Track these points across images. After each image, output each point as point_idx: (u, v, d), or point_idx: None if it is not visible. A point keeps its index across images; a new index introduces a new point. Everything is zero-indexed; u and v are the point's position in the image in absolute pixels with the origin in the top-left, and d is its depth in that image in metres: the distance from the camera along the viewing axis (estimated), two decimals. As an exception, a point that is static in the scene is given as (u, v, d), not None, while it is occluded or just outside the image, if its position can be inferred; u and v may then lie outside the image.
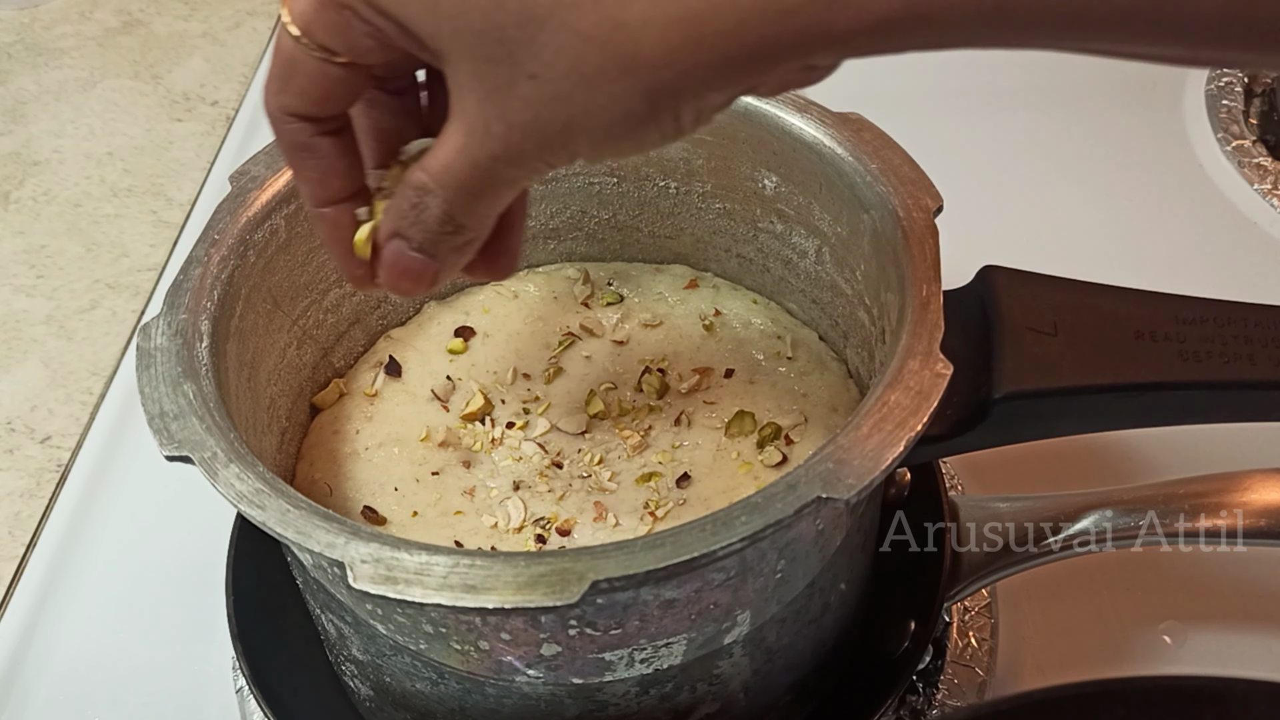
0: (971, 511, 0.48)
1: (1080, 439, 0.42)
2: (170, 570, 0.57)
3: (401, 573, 0.31)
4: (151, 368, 0.37)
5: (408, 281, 0.33)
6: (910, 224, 0.39)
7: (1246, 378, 0.37)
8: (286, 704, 0.45)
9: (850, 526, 0.40)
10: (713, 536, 0.31)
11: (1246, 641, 0.51)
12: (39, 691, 0.53)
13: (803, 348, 0.49)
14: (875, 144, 0.42)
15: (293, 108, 0.31)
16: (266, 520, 0.33)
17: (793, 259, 0.48)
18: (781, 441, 0.45)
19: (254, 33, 0.93)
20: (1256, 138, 0.74)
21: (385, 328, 0.51)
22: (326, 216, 0.34)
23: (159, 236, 0.76)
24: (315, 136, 0.32)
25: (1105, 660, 0.51)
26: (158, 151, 0.83)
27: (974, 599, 0.52)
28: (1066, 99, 0.79)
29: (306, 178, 0.33)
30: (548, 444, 0.46)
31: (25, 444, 0.64)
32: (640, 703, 0.38)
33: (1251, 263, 0.68)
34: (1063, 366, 0.38)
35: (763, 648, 0.39)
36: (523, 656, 0.36)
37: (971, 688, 0.50)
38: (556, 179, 0.50)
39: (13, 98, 0.87)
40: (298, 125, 0.31)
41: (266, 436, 0.43)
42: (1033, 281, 0.40)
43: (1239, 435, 0.47)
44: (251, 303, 0.42)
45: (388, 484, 0.45)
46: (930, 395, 0.34)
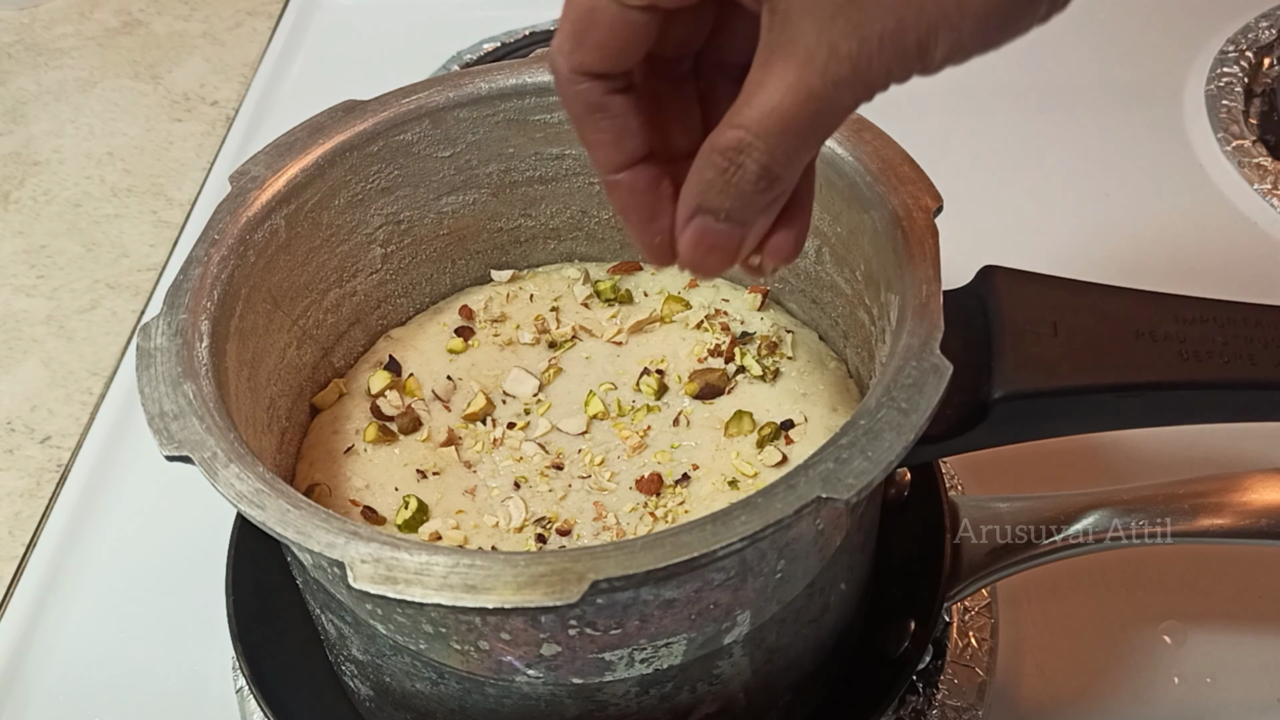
0: (971, 511, 0.48)
1: (1080, 439, 0.42)
2: (170, 570, 0.57)
3: (401, 573, 0.31)
4: (151, 368, 0.37)
5: (716, 257, 0.32)
6: (910, 224, 0.39)
7: (1246, 378, 0.37)
8: (286, 704, 0.45)
9: (850, 526, 0.40)
10: (713, 536, 0.31)
11: (1246, 641, 0.51)
12: (39, 691, 0.53)
13: (803, 348, 0.49)
14: (875, 144, 0.42)
15: (588, 64, 0.30)
16: (266, 520, 0.33)
17: (793, 259, 0.48)
18: (781, 441, 0.45)
19: (254, 33, 0.93)
20: (1256, 138, 0.74)
21: (385, 328, 0.51)
22: (622, 183, 0.32)
23: (159, 236, 0.76)
24: (608, 95, 0.31)
25: (1105, 660, 0.51)
26: (158, 151, 0.83)
27: (974, 599, 0.52)
28: (1066, 99, 0.79)
29: (600, 140, 0.32)
30: (548, 444, 0.46)
31: (25, 444, 0.64)
32: (640, 703, 0.38)
33: (1251, 263, 0.68)
34: (1063, 366, 0.38)
35: (763, 648, 0.39)
36: (523, 656, 0.36)
37: (971, 688, 0.50)
38: (557, 179, 0.50)
39: (13, 98, 0.87)
40: (590, 84, 0.30)
41: (266, 436, 0.43)
42: (1033, 281, 0.40)
43: (1239, 435, 0.47)
44: (251, 303, 0.42)
45: (388, 484, 0.45)
46: (930, 395, 0.34)
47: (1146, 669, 0.50)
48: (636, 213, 0.33)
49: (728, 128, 0.29)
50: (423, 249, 0.50)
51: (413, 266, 0.50)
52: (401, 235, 0.49)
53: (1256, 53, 0.80)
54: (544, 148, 0.49)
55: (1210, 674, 0.50)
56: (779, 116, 0.28)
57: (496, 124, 0.48)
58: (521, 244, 0.52)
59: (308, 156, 0.44)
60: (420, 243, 0.50)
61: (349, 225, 0.47)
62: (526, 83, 0.47)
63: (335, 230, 0.46)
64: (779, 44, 0.27)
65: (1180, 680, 0.50)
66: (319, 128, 0.45)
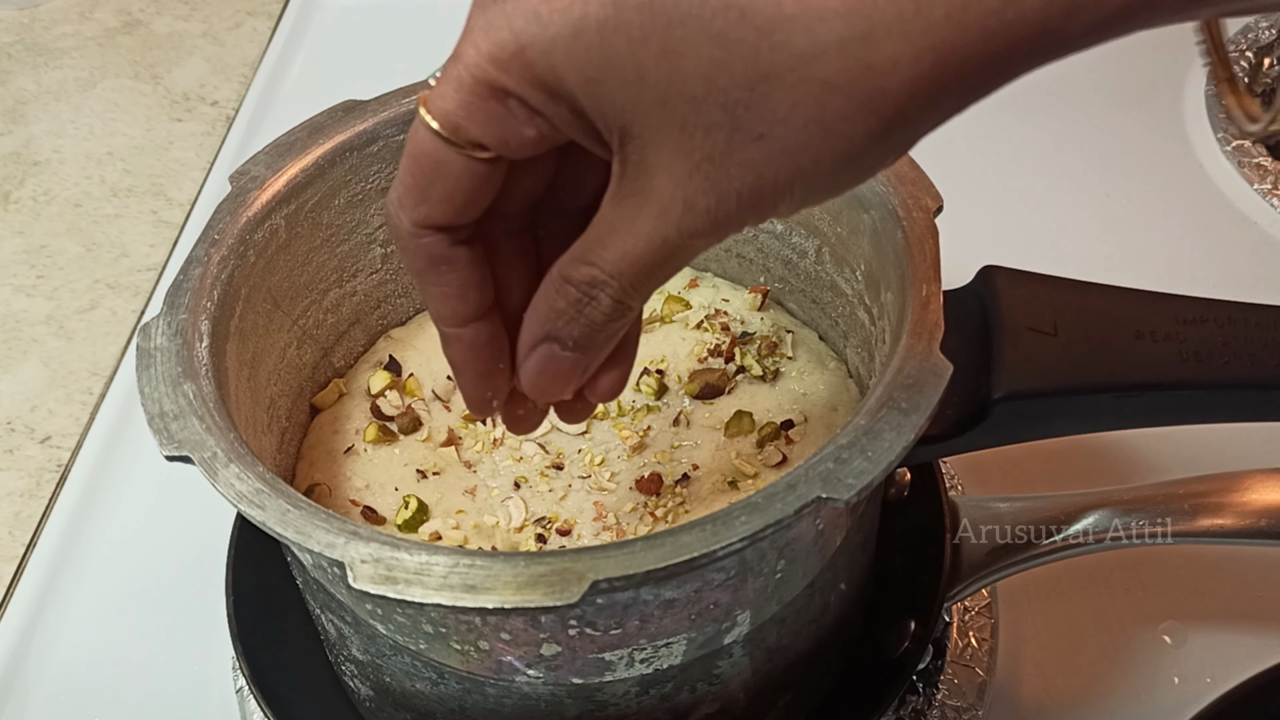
0: (971, 511, 0.48)
1: (1080, 439, 0.42)
2: (170, 570, 0.57)
3: (401, 573, 0.31)
4: (151, 368, 0.37)
5: (559, 384, 0.32)
6: (910, 224, 0.39)
7: (1246, 378, 0.37)
8: (286, 704, 0.45)
9: (850, 526, 0.40)
10: (713, 536, 0.31)
11: (1246, 641, 0.51)
12: (39, 691, 0.53)
13: (803, 348, 0.49)
14: (875, 144, 0.42)
15: (434, 218, 0.29)
16: (266, 520, 0.33)
17: (792, 259, 0.48)
18: (781, 441, 0.45)
19: (254, 33, 0.93)
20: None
21: (385, 328, 0.51)
22: (464, 337, 0.32)
23: (159, 236, 0.76)
24: (452, 247, 0.30)
25: (1105, 660, 0.51)
26: (158, 151, 0.83)
27: (974, 599, 0.52)
28: (1066, 99, 0.79)
29: (444, 294, 0.31)
30: (548, 444, 0.46)
31: (25, 444, 0.64)
32: (640, 703, 0.38)
33: (1251, 263, 0.68)
34: (1063, 366, 0.38)
35: (763, 648, 0.39)
36: (523, 656, 0.36)
37: (971, 688, 0.50)
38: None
39: (13, 98, 0.87)
40: (434, 238, 0.30)
41: (266, 436, 0.43)
42: (1033, 281, 0.40)
43: (1239, 435, 0.47)
44: (251, 303, 0.42)
45: (388, 484, 0.45)
46: (930, 395, 0.34)
47: (1146, 669, 0.50)
48: (473, 366, 0.33)
49: (580, 263, 0.29)
50: (423, 249, 0.50)
51: (413, 266, 0.50)
52: (401, 235, 0.49)
53: (1256, 53, 0.80)
54: (544, 148, 0.49)
55: (1210, 674, 0.50)
56: (633, 260, 0.28)
57: (496, 124, 0.48)
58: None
59: (308, 156, 0.44)
60: (420, 243, 0.50)
61: (349, 225, 0.47)
62: (526, 83, 0.47)
63: (335, 230, 0.46)
64: (632, 191, 0.27)
65: (1180, 680, 0.50)
66: (319, 128, 0.45)
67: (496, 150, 0.28)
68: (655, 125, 0.26)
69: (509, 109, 0.27)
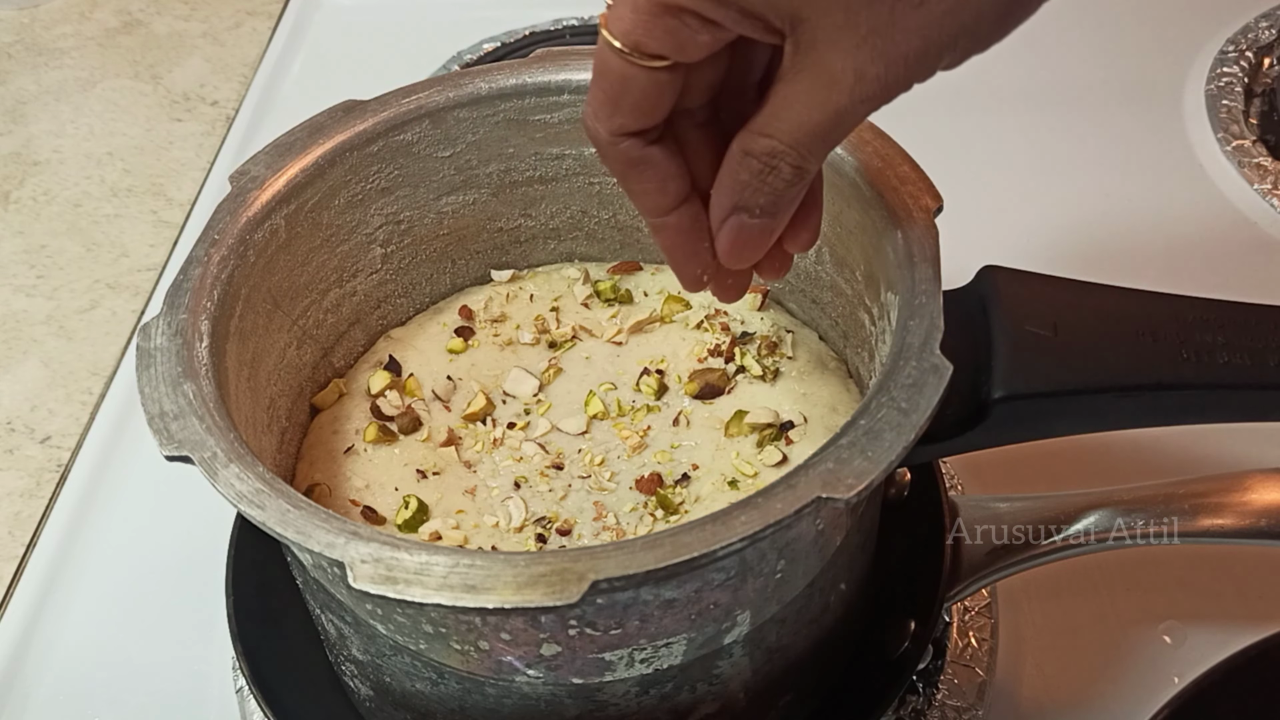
0: (971, 511, 0.48)
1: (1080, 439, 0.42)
2: (170, 570, 0.57)
3: (401, 573, 0.31)
4: (151, 368, 0.37)
5: (751, 249, 0.35)
6: (910, 224, 0.39)
7: (1246, 378, 0.37)
8: (286, 704, 0.45)
9: (850, 526, 0.40)
10: (713, 536, 0.31)
11: (1246, 642, 0.51)
12: (39, 691, 0.53)
13: (803, 348, 0.49)
14: (875, 144, 0.42)
15: (627, 126, 0.32)
16: (266, 520, 0.33)
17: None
18: (781, 441, 0.45)
19: (254, 33, 0.93)
20: (1256, 138, 0.74)
21: (385, 328, 0.51)
22: (669, 224, 0.35)
23: (159, 236, 0.76)
24: (647, 148, 0.33)
25: (1105, 660, 0.51)
26: (158, 151, 0.83)
27: (974, 599, 0.52)
28: (1066, 99, 0.79)
29: (645, 189, 0.34)
30: (548, 444, 0.46)
31: (25, 444, 0.64)
32: (640, 703, 0.38)
33: (1251, 263, 0.68)
34: (1063, 366, 0.38)
35: (763, 648, 0.39)
36: (523, 656, 0.36)
37: (971, 688, 0.50)
38: (557, 179, 0.50)
39: (13, 98, 0.88)
40: (630, 143, 0.33)
41: (266, 436, 0.43)
42: (1033, 281, 0.40)
43: (1239, 435, 0.47)
44: (251, 303, 0.42)
45: (388, 484, 0.45)
46: (930, 395, 0.34)
47: (1146, 669, 0.50)
48: (682, 249, 0.36)
49: (759, 135, 0.32)
50: (423, 249, 0.50)
51: (413, 266, 0.50)
52: (401, 235, 0.49)
53: (1256, 53, 0.80)
54: (544, 148, 0.49)
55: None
56: (809, 130, 0.31)
57: (496, 124, 0.48)
58: (521, 244, 0.52)
59: (308, 156, 0.44)
60: (420, 243, 0.50)
61: (349, 225, 0.47)
62: (526, 83, 0.47)
63: (335, 230, 0.46)
64: (804, 66, 0.30)
65: (1180, 680, 0.50)
66: (319, 128, 0.45)
67: (675, 59, 0.31)
68: (823, 8, 0.28)
69: (683, 22, 0.29)
